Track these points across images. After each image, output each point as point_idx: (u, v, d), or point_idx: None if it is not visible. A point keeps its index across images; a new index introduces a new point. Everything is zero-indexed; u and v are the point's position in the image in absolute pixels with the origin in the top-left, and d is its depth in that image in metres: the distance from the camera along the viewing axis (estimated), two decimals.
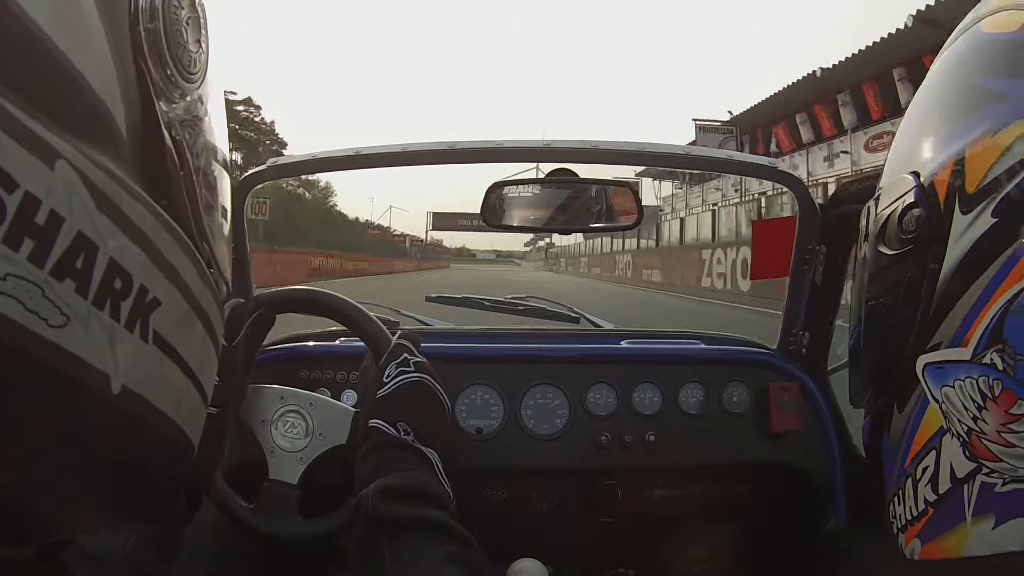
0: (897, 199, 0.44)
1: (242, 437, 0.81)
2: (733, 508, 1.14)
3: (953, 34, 0.48)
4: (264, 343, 1.11)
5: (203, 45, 0.29)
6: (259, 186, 1.05)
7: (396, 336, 0.80)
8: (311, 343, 1.11)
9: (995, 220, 0.37)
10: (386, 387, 0.72)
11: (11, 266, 0.19)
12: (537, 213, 1.07)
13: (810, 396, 1.06)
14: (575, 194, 1.07)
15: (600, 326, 1.44)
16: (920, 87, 0.50)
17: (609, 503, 1.10)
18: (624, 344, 1.15)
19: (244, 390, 0.81)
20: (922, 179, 0.42)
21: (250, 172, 1.04)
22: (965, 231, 0.38)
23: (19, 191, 0.19)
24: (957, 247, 0.39)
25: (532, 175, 1.07)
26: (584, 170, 1.06)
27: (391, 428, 0.69)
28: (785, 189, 1.02)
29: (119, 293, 0.23)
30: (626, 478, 1.10)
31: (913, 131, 0.48)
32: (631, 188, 1.07)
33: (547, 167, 1.05)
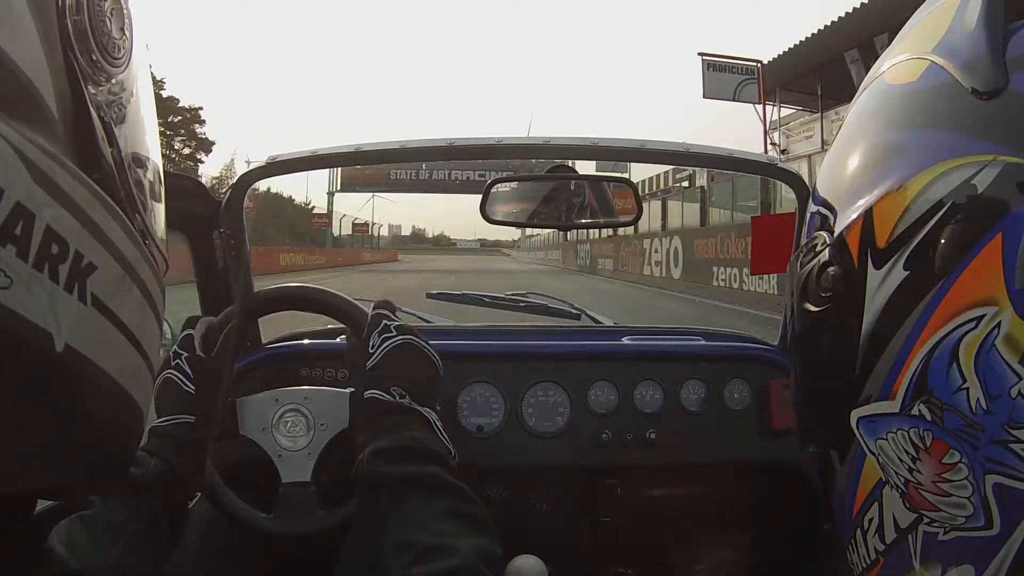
0: (815, 257, 0.45)
1: (247, 449, 0.81)
2: (733, 506, 1.14)
3: (860, 87, 0.48)
4: (265, 342, 1.11)
5: (127, 32, 0.32)
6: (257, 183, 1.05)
7: (372, 308, 0.80)
8: (310, 341, 1.11)
9: (907, 272, 0.37)
10: (373, 357, 0.72)
11: None
12: (536, 209, 1.06)
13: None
14: (573, 190, 1.07)
15: (601, 322, 1.44)
16: (832, 143, 0.50)
17: (609, 502, 1.10)
18: (625, 341, 1.15)
19: (225, 401, 0.80)
20: (836, 234, 0.43)
21: (249, 168, 1.04)
22: (880, 285, 0.39)
23: None
24: (874, 302, 0.39)
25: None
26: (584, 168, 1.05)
27: (385, 394, 0.69)
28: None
29: (56, 257, 0.25)
30: (627, 476, 1.10)
31: (826, 185, 0.48)
32: (630, 184, 1.07)
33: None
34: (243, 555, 0.97)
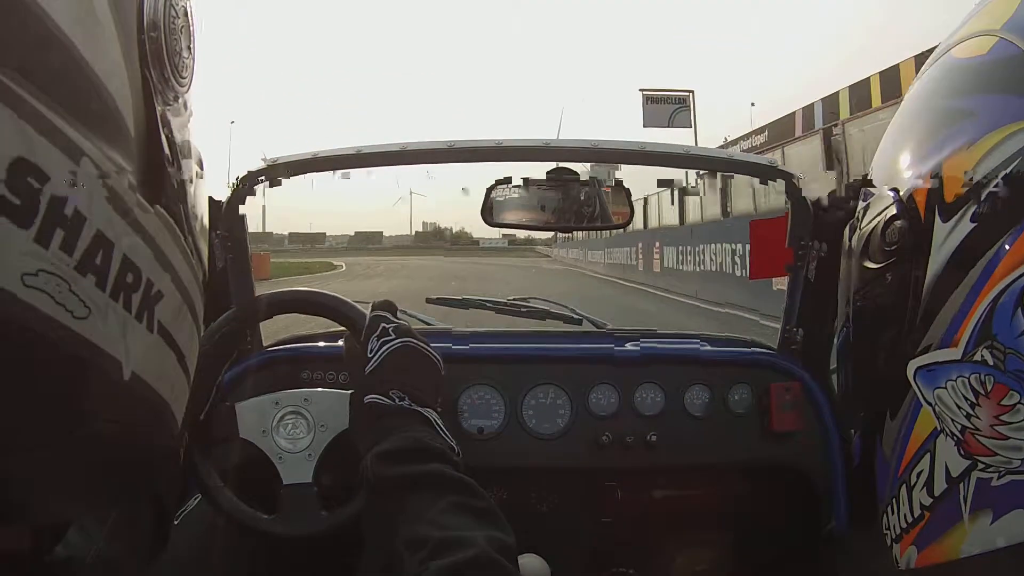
0: (879, 214, 0.46)
1: (247, 451, 0.81)
2: (734, 508, 1.14)
3: (925, 65, 0.50)
4: (266, 345, 1.10)
5: (192, 51, 0.31)
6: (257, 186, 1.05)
7: (371, 310, 0.80)
8: (312, 344, 1.11)
9: (974, 225, 0.39)
10: (372, 361, 0.72)
11: (42, 262, 0.21)
12: (536, 211, 1.07)
13: (812, 395, 1.06)
14: (573, 193, 1.07)
15: (603, 327, 1.44)
16: (895, 115, 0.52)
17: (609, 503, 1.10)
18: (627, 345, 1.15)
19: (214, 405, 0.81)
20: (901, 193, 0.44)
21: (248, 172, 1.04)
22: (947, 237, 0.40)
23: (49, 185, 0.20)
24: (940, 253, 0.40)
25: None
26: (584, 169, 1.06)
27: (384, 398, 0.69)
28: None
29: (131, 287, 0.25)
30: (627, 478, 1.10)
31: (890, 153, 0.50)
32: (622, 188, 1.08)
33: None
34: (242, 557, 0.97)
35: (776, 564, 1.11)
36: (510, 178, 1.04)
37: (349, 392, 0.82)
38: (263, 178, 1.05)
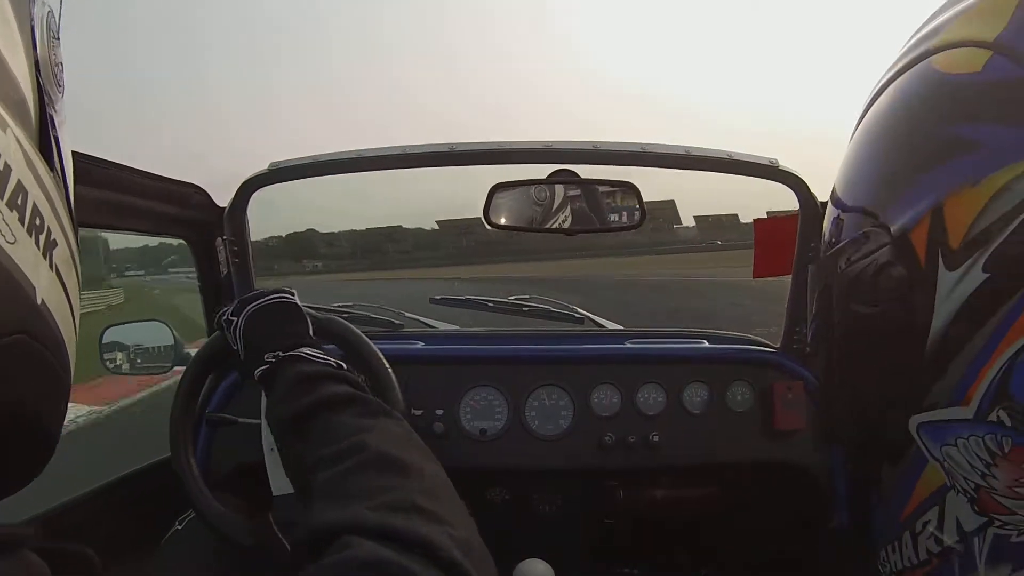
0: (868, 255, 0.42)
1: (243, 439, 0.82)
2: (736, 508, 1.14)
3: (898, 63, 0.45)
4: None
5: (62, 64, 0.38)
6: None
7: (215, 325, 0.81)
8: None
9: (987, 276, 0.35)
10: (238, 349, 0.75)
11: None
12: (539, 214, 1.07)
13: (814, 394, 1.06)
14: (578, 195, 1.07)
15: (604, 326, 1.44)
16: (864, 122, 0.47)
17: (611, 504, 1.10)
18: (628, 344, 1.15)
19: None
20: (894, 233, 0.40)
21: (252, 176, 1.05)
22: (953, 288, 0.36)
23: None
24: (946, 306, 0.37)
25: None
26: (585, 171, 1.05)
27: (262, 367, 0.70)
28: None
29: (38, 228, 0.31)
30: (629, 478, 1.10)
31: (869, 173, 0.45)
32: (633, 188, 1.07)
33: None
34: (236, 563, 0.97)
35: (778, 563, 1.11)
36: (511, 181, 1.04)
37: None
38: (266, 182, 1.05)
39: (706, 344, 1.17)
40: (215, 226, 1.09)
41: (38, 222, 0.31)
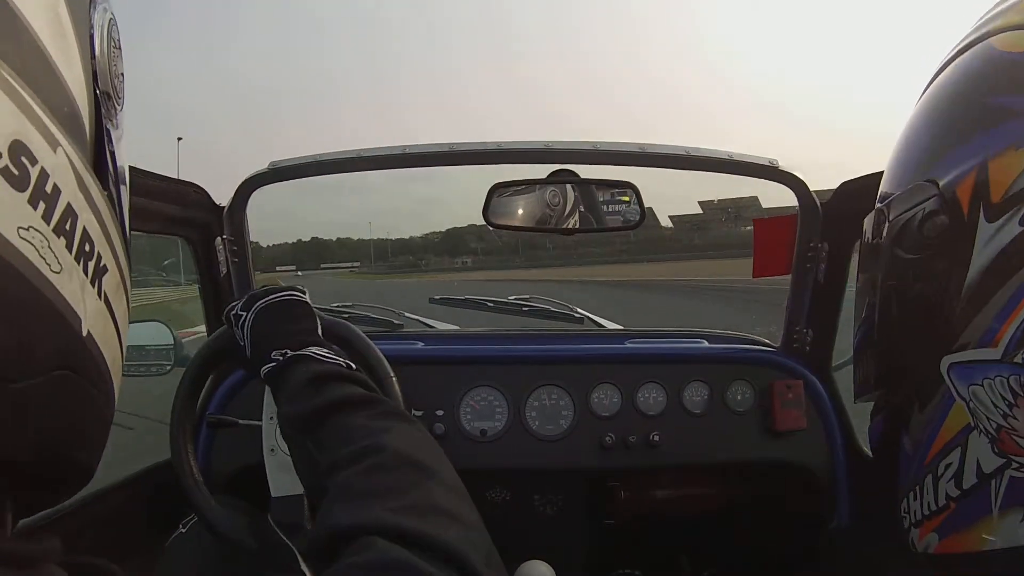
0: (916, 206, 0.45)
1: (243, 440, 0.82)
2: (737, 507, 1.14)
3: (958, 46, 0.49)
4: None
5: (123, 75, 0.36)
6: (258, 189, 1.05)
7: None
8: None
9: (1022, 228, 0.38)
10: (246, 346, 0.74)
11: (31, 220, 0.26)
12: (539, 214, 1.06)
13: (814, 393, 1.06)
14: (576, 195, 1.06)
15: (604, 326, 1.44)
16: (924, 97, 0.51)
17: (612, 504, 1.10)
18: (628, 344, 1.15)
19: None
20: (941, 187, 0.44)
21: (251, 175, 1.05)
22: (992, 238, 0.40)
23: (38, 166, 0.26)
24: (984, 253, 0.40)
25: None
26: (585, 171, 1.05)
27: (270, 364, 0.69)
28: None
29: (87, 255, 0.30)
30: (630, 478, 1.10)
31: (923, 141, 0.49)
32: (632, 188, 1.07)
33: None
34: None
35: (779, 562, 1.11)
36: (511, 181, 1.04)
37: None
38: (266, 182, 1.05)
39: (706, 344, 1.17)
40: (215, 226, 1.09)
41: (87, 248, 0.29)
